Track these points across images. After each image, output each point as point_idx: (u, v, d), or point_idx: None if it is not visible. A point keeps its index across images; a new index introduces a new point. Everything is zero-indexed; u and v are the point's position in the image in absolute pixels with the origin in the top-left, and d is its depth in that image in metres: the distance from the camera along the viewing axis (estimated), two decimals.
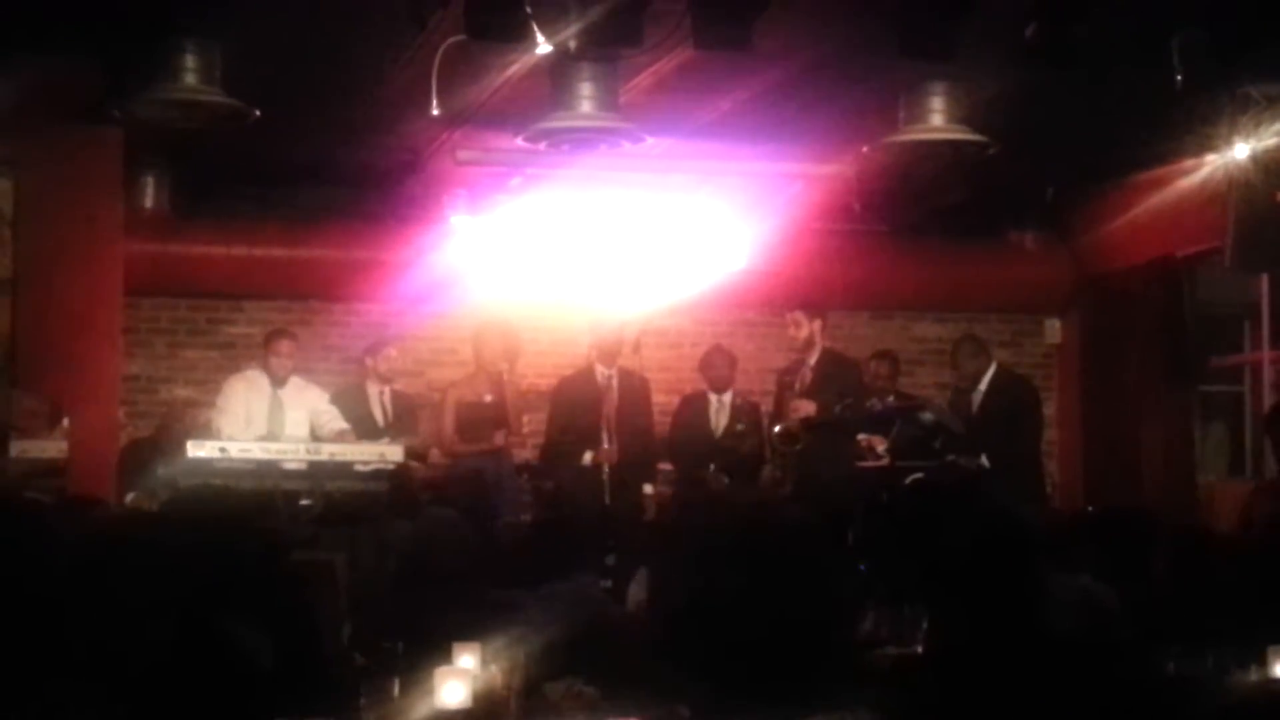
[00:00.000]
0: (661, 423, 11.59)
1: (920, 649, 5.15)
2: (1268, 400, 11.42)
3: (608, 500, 10.54)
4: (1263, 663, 5.02)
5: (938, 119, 9.37)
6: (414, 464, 10.73)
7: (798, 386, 10.68)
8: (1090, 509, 9.95)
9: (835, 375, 10.70)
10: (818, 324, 10.79)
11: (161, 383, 12.52)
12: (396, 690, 4.74)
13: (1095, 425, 12.97)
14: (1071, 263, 13.12)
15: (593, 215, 11.89)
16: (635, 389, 11.12)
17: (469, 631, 4.90)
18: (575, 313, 11.84)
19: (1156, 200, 11.33)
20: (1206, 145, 9.97)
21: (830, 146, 10.83)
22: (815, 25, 8.45)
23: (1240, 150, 9.75)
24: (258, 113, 8.80)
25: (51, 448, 9.15)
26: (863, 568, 6.41)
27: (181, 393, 12.31)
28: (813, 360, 10.71)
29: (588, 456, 10.78)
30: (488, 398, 11.00)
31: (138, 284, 11.05)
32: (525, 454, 11.72)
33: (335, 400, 11.18)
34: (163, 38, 8.50)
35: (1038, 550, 3.92)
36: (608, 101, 8.63)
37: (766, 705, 2.46)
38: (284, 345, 10.86)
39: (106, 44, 8.67)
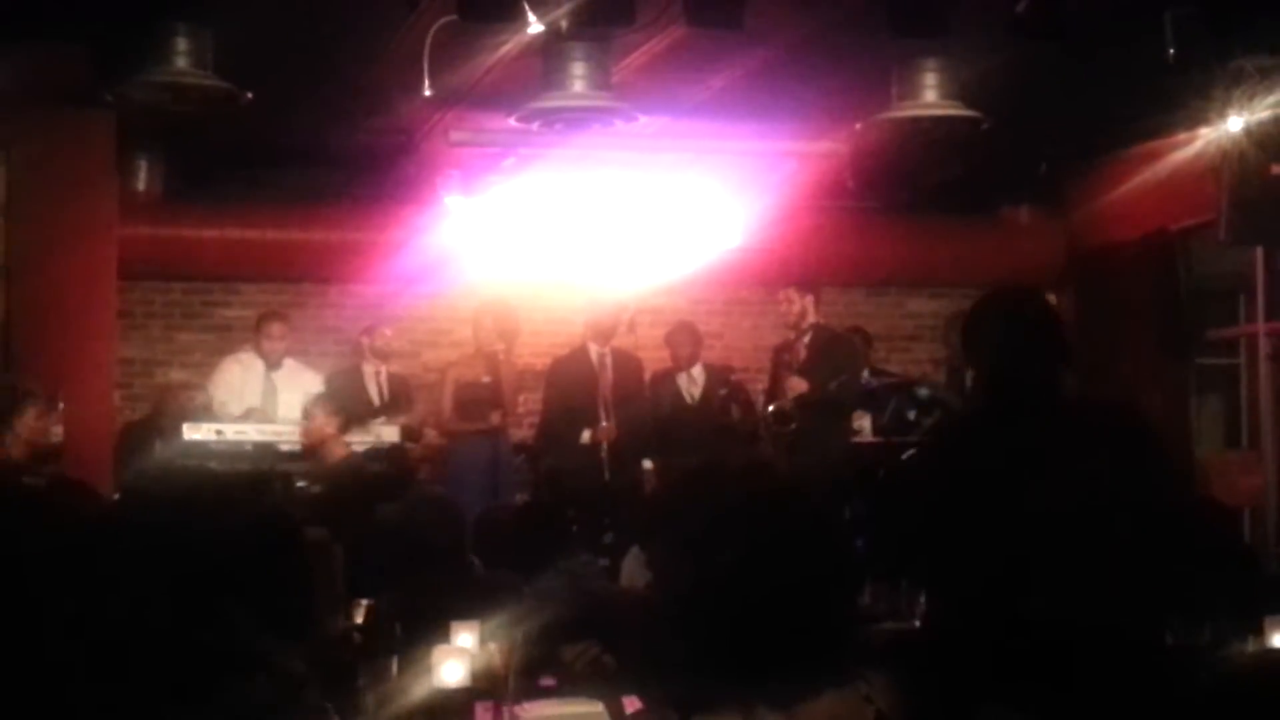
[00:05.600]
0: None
1: (918, 624, 5.15)
2: (1263, 373, 11.42)
3: (607, 478, 10.56)
4: (1260, 633, 5.03)
5: (930, 95, 9.36)
6: (409, 444, 10.74)
7: (792, 364, 10.69)
8: None
9: (829, 352, 10.70)
10: (809, 300, 10.79)
11: (157, 366, 12.50)
12: (395, 669, 4.75)
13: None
14: (1066, 237, 13.11)
15: (586, 195, 11.89)
16: (629, 367, 11.15)
17: (467, 611, 4.91)
18: (570, 292, 11.85)
19: (1150, 174, 11.33)
20: (1200, 119, 9.97)
21: (823, 124, 10.82)
22: (807, 2, 8.45)
23: (1234, 123, 9.74)
24: (250, 95, 8.78)
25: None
26: (860, 544, 6.41)
27: (177, 375, 12.30)
28: (807, 337, 10.71)
29: (586, 435, 10.80)
30: (485, 378, 11.01)
31: (132, 267, 11.03)
32: (521, 434, 11.73)
33: (331, 381, 11.19)
34: (154, 21, 8.48)
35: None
36: (600, 81, 8.62)
37: (774, 682, 2.43)
38: (275, 328, 10.86)
39: (98, 27, 8.65)
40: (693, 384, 11.42)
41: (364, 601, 5.95)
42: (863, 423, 10.67)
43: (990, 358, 4.36)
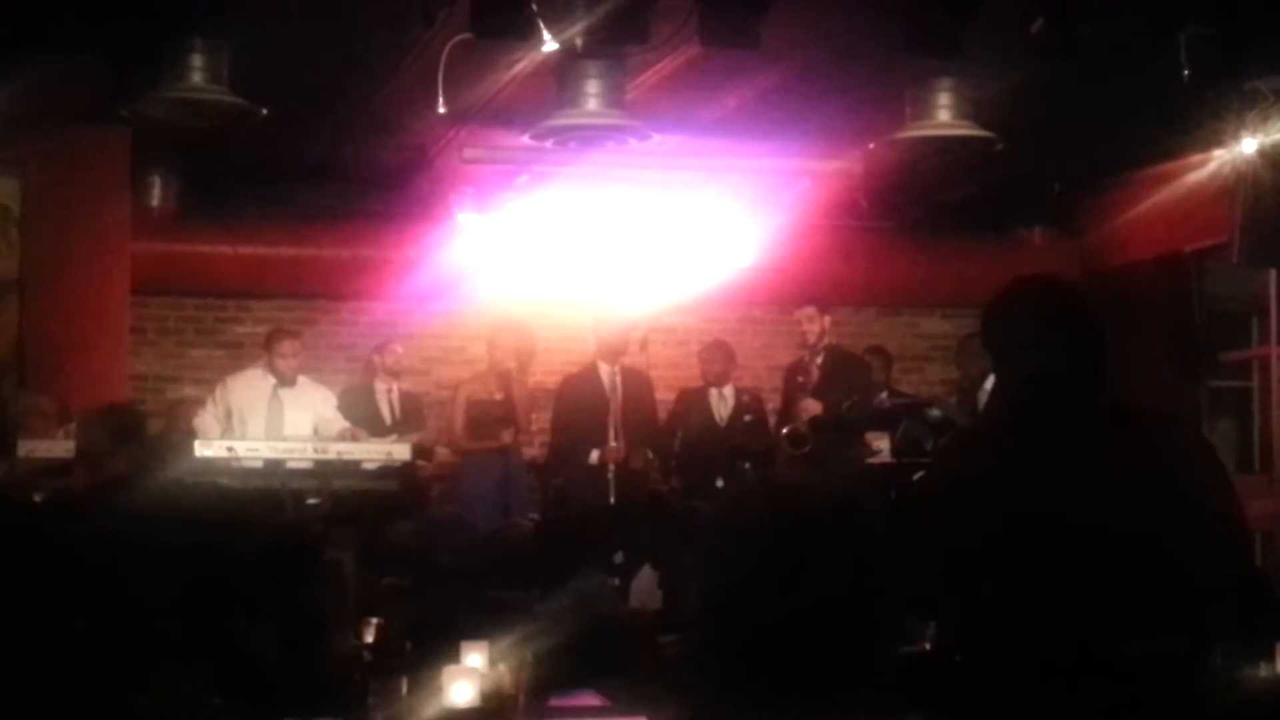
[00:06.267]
0: (670, 406, 11.61)
1: (929, 646, 5.12)
2: (1276, 395, 11.40)
3: (613, 499, 10.55)
4: (1272, 659, 5.00)
5: (944, 115, 9.35)
6: (421, 462, 10.74)
7: (806, 385, 10.68)
8: None
9: (842, 372, 10.70)
10: (828, 320, 10.81)
11: (169, 382, 12.52)
12: (404, 689, 4.73)
13: None
14: (1079, 258, 13.09)
15: (600, 213, 11.90)
16: (639, 386, 11.15)
17: (477, 630, 4.90)
18: (583, 310, 11.85)
19: (1164, 195, 11.32)
20: (1214, 140, 9.96)
21: (837, 143, 10.82)
22: (821, 22, 8.45)
23: (1248, 145, 9.74)
24: (265, 111, 8.80)
25: (59, 447, 9.15)
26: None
27: (189, 391, 12.31)
28: (820, 358, 10.71)
29: (594, 455, 10.80)
30: (498, 396, 11.01)
31: (145, 283, 11.05)
32: (533, 452, 11.73)
33: (343, 398, 11.20)
34: (170, 37, 8.50)
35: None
36: (614, 99, 8.62)
37: (808, 715, 2.36)
38: (287, 346, 10.86)
39: (114, 43, 8.68)
40: (723, 403, 11.42)
41: (374, 620, 5.95)
42: (881, 444, 10.65)
43: (1013, 356, 3.95)
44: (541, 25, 7.72)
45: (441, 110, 8.85)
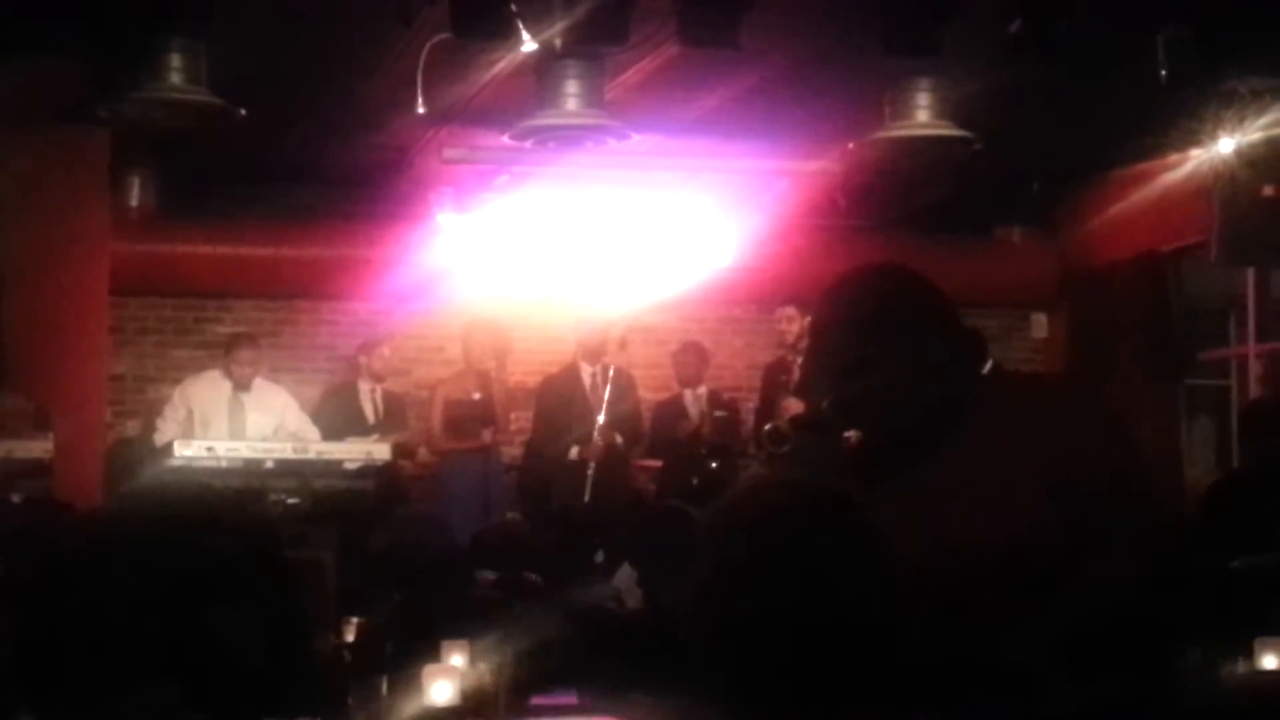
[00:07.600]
0: (648, 419, 11.65)
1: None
2: (1254, 394, 11.43)
3: (587, 497, 10.56)
4: (1250, 655, 5.02)
5: (923, 115, 9.37)
6: (402, 461, 10.74)
7: (787, 384, 10.69)
8: None
9: None
10: (808, 319, 10.83)
11: (148, 382, 12.49)
12: (385, 688, 4.74)
13: None
14: (1058, 257, 13.12)
15: (579, 213, 11.90)
16: (621, 385, 11.16)
17: (458, 629, 4.90)
18: (563, 310, 11.86)
19: (1142, 195, 11.35)
20: (1192, 140, 10.00)
21: (816, 143, 10.83)
22: (801, 22, 8.46)
23: (1225, 145, 9.78)
24: (244, 112, 8.78)
25: (37, 448, 9.14)
26: None
27: (168, 392, 12.28)
28: (800, 357, 10.72)
29: (574, 451, 10.81)
30: (476, 395, 11.01)
31: (124, 283, 11.03)
32: (513, 452, 11.74)
33: (326, 398, 11.22)
34: (148, 37, 8.48)
35: None
36: (593, 99, 8.62)
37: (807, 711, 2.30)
38: (245, 353, 10.91)
39: (92, 43, 8.65)
40: (696, 403, 11.48)
41: (355, 619, 5.95)
42: None
43: (850, 384, 3.40)
44: (520, 25, 7.72)
45: (421, 110, 8.85)
